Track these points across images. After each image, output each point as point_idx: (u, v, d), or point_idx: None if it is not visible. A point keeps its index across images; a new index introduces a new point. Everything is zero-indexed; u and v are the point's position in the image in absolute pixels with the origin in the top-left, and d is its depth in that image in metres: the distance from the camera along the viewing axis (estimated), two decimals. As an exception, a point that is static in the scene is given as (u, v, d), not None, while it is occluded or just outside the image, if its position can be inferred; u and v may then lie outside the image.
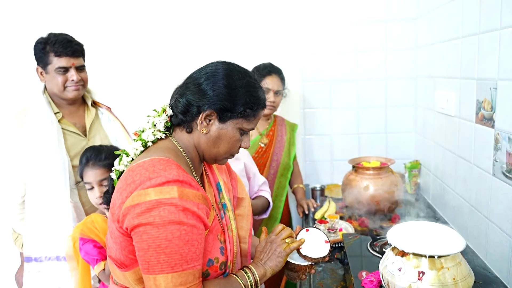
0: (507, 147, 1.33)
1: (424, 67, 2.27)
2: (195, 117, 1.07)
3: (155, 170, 0.96)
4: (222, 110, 1.05)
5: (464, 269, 1.04)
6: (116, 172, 1.12)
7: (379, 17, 2.44)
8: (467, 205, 1.67)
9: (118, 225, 0.98)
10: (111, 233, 1.03)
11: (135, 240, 0.95)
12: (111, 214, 1.01)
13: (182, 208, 0.93)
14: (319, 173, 2.65)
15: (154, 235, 0.91)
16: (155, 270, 0.92)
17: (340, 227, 1.85)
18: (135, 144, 1.09)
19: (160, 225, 0.91)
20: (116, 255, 1.03)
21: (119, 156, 1.11)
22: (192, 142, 1.10)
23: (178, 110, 1.08)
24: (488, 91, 1.45)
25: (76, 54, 1.84)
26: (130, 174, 0.99)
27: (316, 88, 2.56)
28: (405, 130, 2.54)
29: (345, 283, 1.44)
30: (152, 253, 0.92)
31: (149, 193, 0.93)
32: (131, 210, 0.93)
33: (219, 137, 1.08)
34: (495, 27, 1.39)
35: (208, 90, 1.05)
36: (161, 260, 0.91)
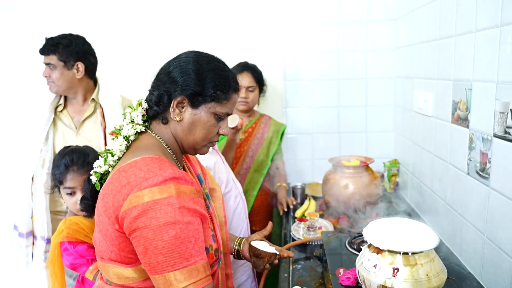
0: (480, 146, 1.36)
1: (403, 67, 2.31)
2: (168, 106, 1.08)
3: (149, 170, 0.96)
4: (192, 95, 1.06)
5: (437, 265, 1.07)
6: (96, 174, 1.10)
7: (360, 18, 2.47)
8: (443, 204, 1.71)
9: (117, 227, 0.98)
10: (105, 236, 1.01)
11: (134, 244, 0.96)
12: (106, 217, 0.99)
13: (178, 206, 0.94)
14: (300, 172, 2.67)
15: (150, 237, 0.92)
16: (157, 270, 0.94)
17: (320, 225, 1.86)
18: (118, 142, 1.08)
19: (156, 228, 0.92)
20: (111, 256, 1.02)
21: (104, 156, 1.09)
22: (170, 134, 1.11)
23: (152, 102, 1.09)
24: (464, 92, 1.48)
25: (45, 52, 1.94)
26: (123, 175, 0.97)
27: (297, 87, 2.58)
28: (385, 130, 2.58)
29: (323, 280, 1.46)
30: (151, 255, 0.93)
31: (147, 194, 0.93)
32: (128, 214, 0.94)
33: (193, 123, 1.09)
34: (470, 29, 1.42)
35: (177, 77, 1.06)
36: (160, 261, 0.93)
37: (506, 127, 1.21)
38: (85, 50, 1.98)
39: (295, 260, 1.62)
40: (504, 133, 1.22)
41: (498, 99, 1.25)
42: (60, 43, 1.92)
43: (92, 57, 2.02)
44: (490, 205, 1.32)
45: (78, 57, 1.94)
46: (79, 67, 1.95)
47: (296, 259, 1.63)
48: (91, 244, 1.45)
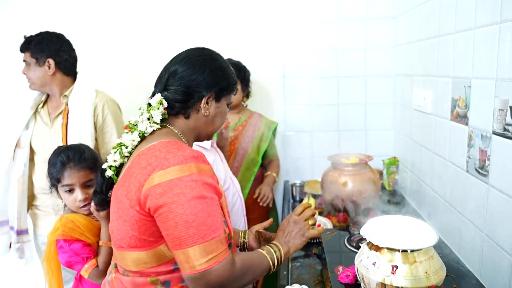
0: (479, 144, 1.36)
1: (403, 65, 2.31)
2: (196, 103, 1.15)
3: (169, 151, 1.02)
4: (219, 90, 1.17)
5: (436, 263, 1.07)
6: (112, 168, 1.14)
7: (360, 16, 2.47)
8: (442, 201, 1.71)
9: (139, 208, 1.01)
10: (125, 221, 1.05)
11: (161, 220, 0.99)
12: (128, 200, 1.03)
13: (201, 182, 1.00)
14: (299, 169, 2.67)
15: (180, 212, 0.97)
16: (188, 243, 0.97)
17: (319, 223, 1.86)
18: (132, 136, 1.12)
19: (185, 202, 0.97)
20: (130, 242, 1.05)
21: (117, 149, 1.14)
22: (189, 126, 1.18)
23: (175, 100, 1.14)
24: (463, 89, 1.48)
25: (21, 49, 2.00)
26: (143, 158, 1.03)
27: (297, 85, 2.58)
28: (384, 128, 2.58)
29: (322, 278, 1.46)
30: (182, 229, 0.97)
31: (169, 173, 0.98)
32: (153, 191, 0.98)
33: (216, 115, 1.19)
34: (469, 26, 1.42)
35: (206, 76, 1.14)
36: (191, 234, 0.97)
37: (505, 125, 1.20)
38: (57, 47, 2.00)
39: (294, 258, 1.62)
40: (503, 131, 1.22)
41: (497, 96, 1.25)
42: (33, 40, 1.98)
43: (66, 53, 2.03)
44: (489, 203, 1.32)
45: (50, 54, 1.98)
46: (50, 64, 1.98)
47: (295, 257, 1.63)
48: (87, 242, 1.46)
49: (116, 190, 1.09)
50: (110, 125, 2.05)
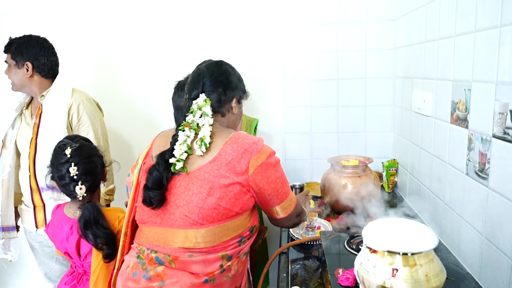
0: (479, 147, 1.37)
1: (402, 67, 2.31)
2: (228, 103, 1.42)
3: (250, 138, 1.31)
4: (242, 93, 1.49)
5: (437, 266, 1.07)
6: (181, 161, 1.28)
7: (360, 18, 2.47)
8: (441, 204, 1.71)
9: (245, 183, 1.27)
10: (219, 198, 1.24)
11: (266, 187, 1.31)
12: (231, 179, 1.25)
13: (274, 154, 1.35)
14: (299, 171, 2.67)
15: (278, 175, 1.34)
16: (286, 194, 1.38)
17: (319, 225, 1.86)
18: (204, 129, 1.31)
19: (278, 167, 1.34)
20: (217, 217, 1.25)
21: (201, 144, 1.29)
22: (226, 123, 1.43)
23: (214, 100, 1.38)
24: (463, 92, 1.48)
25: (4, 51, 2.07)
26: (235, 147, 1.28)
27: (296, 86, 2.58)
28: (384, 130, 2.58)
29: (322, 280, 1.46)
30: (281, 185, 1.35)
31: (263, 153, 1.30)
32: (259, 169, 1.28)
33: (239, 115, 1.49)
34: (470, 30, 1.42)
35: (235, 81, 1.45)
36: (286, 188, 1.38)
37: (505, 128, 1.21)
38: (36, 51, 2.06)
39: (293, 260, 1.62)
40: (503, 134, 1.22)
41: (497, 99, 1.25)
42: (14, 42, 2.05)
43: (44, 57, 2.08)
44: (489, 206, 1.32)
45: (28, 57, 2.04)
46: (28, 67, 2.04)
47: (295, 259, 1.63)
48: None
49: (200, 173, 1.27)
50: (86, 124, 2.08)
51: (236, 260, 1.33)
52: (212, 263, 1.27)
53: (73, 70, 2.51)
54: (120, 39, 2.58)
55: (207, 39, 2.54)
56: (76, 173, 1.54)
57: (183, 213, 1.26)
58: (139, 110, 2.64)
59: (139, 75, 2.61)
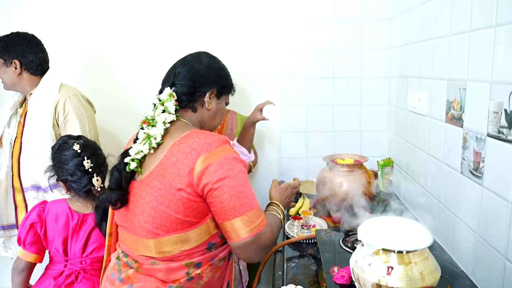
0: (474, 146, 1.37)
1: (398, 67, 2.32)
2: (200, 97, 1.31)
3: (206, 136, 1.16)
4: (221, 88, 1.35)
5: (431, 264, 1.07)
6: (136, 160, 1.20)
7: (355, 17, 2.47)
8: (436, 202, 1.72)
9: (190, 190, 1.12)
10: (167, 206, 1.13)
11: (216, 195, 1.12)
12: (175, 185, 1.12)
13: (239, 160, 1.17)
14: (294, 170, 2.67)
15: (232, 184, 1.12)
16: (240, 211, 1.13)
17: (314, 223, 1.87)
18: (158, 127, 1.21)
19: (234, 176, 1.13)
20: (172, 227, 1.14)
21: (146, 141, 1.20)
22: (197, 120, 1.32)
23: (183, 94, 1.28)
24: (458, 92, 1.49)
25: None
26: (183, 146, 1.15)
27: (292, 85, 2.58)
28: (379, 129, 2.59)
29: (317, 278, 1.46)
30: (236, 199, 1.12)
31: (215, 154, 1.13)
32: (206, 171, 1.11)
33: (217, 111, 1.36)
34: (465, 29, 1.43)
35: (210, 74, 1.31)
36: (243, 203, 1.13)
37: (499, 127, 1.21)
38: (23, 48, 2.04)
39: (289, 258, 1.63)
40: (497, 133, 1.23)
41: (492, 99, 1.26)
42: (1, 41, 2.03)
43: (32, 54, 2.06)
44: (483, 204, 1.33)
45: (16, 55, 2.03)
46: (16, 64, 2.03)
47: (290, 257, 1.64)
48: None
49: (150, 180, 1.17)
50: (73, 121, 2.04)
51: (208, 268, 1.22)
52: (175, 271, 1.19)
53: (65, 66, 2.49)
54: (114, 35, 2.56)
55: (203, 37, 2.53)
56: (91, 165, 1.59)
57: (140, 223, 1.19)
58: (133, 106, 2.63)
59: (133, 71, 2.59)
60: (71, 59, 2.57)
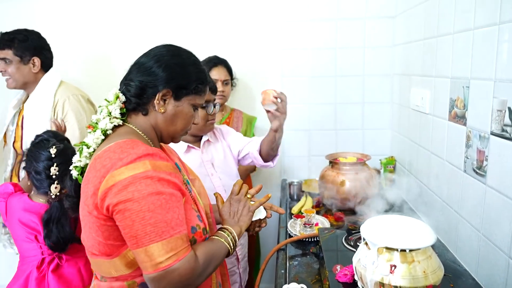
0: (477, 144, 1.37)
1: (401, 65, 2.31)
2: (151, 98, 1.10)
3: (123, 151, 0.99)
4: (177, 88, 1.10)
5: (434, 262, 1.07)
6: (77, 168, 1.11)
7: (358, 15, 2.46)
8: (439, 200, 1.72)
9: (96, 213, 0.99)
10: (90, 228, 1.03)
11: (119, 219, 0.97)
12: (86, 206, 1.01)
13: (157, 178, 0.97)
14: (296, 168, 2.67)
15: (136, 209, 0.94)
16: (144, 242, 0.94)
17: (316, 222, 1.86)
18: (95, 134, 1.09)
19: (140, 199, 0.94)
20: (100, 249, 1.04)
21: (79, 149, 1.10)
22: (149, 124, 1.13)
23: (131, 95, 1.10)
24: (461, 90, 1.49)
25: (4, 47, 1.98)
26: (98, 161, 1.00)
27: (294, 83, 2.57)
28: (381, 127, 2.58)
29: (319, 276, 1.46)
30: (138, 227, 0.94)
31: (123, 172, 0.95)
32: (109, 192, 0.96)
33: (175, 114, 1.13)
34: (468, 27, 1.42)
35: (161, 71, 1.09)
36: (148, 231, 0.94)
37: (503, 125, 1.21)
38: (41, 45, 2.04)
39: (291, 256, 1.63)
40: (501, 131, 1.22)
41: (495, 97, 1.25)
42: (16, 38, 1.98)
43: (48, 52, 2.07)
44: (486, 203, 1.32)
45: (34, 52, 2.01)
46: (35, 62, 2.01)
47: (293, 255, 1.64)
48: None
49: (81, 195, 1.06)
50: (71, 122, 2.02)
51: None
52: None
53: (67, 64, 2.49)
54: (117, 33, 2.56)
55: (205, 35, 2.53)
56: (56, 174, 1.56)
57: (83, 241, 1.11)
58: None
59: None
60: (73, 57, 2.57)
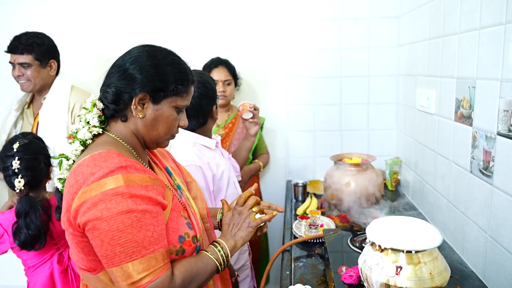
0: (484, 145, 1.36)
1: (406, 65, 2.30)
2: (128, 104, 1.05)
3: (96, 164, 0.95)
4: (154, 91, 1.04)
5: (441, 264, 1.06)
6: (61, 181, 1.08)
7: (363, 15, 2.46)
8: (445, 202, 1.71)
9: (72, 230, 0.96)
10: (71, 244, 1.01)
11: (89, 238, 0.94)
12: (62, 223, 0.99)
13: (129, 195, 0.92)
14: (301, 169, 2.67)
15: (105, 228, 0.90)
16: (114, 262, 0.91)
17: (322, 223, 1.86)
18: (73, 146, 1.05)
19: (109, 218, 0.90)
20: (84, 264, 1.02)
21: (59, 162, 1.07)
22: (129, 130, 1.08)
23: (108, 101, 1.05)
24: (467, 90, 1.48)
25: (16, 51, 1.99)
26: (72, 176, 0.97)
27: (299, 84, 2.57)
28: (387, 128, 2.57)
29: (325, 278, 1.46)
30: (107, 247, 0.91)
31: (94, 188, 0.91)
32: (79, 210, 0.92)
33: (156, 119, 1.07)
34: (474, 27, 1.41)
35: (136, 74, 1.03)
36: (118, 252, 0.91)
37: (510, 125, 1.20)
38: (55, 48, 2.07)
39: (296, 258, 1.62)
40: (508, 132, 1.21)
41: (502, 97, 1.24)
42: (34, 42, 2.00)
43: (59, 55, 2.10)
44: (493, 204, 1.31)
45: (51, 55, 2.04)
46: (52, 65, 2.05)
47: (298, 256, 1.63)
48: None
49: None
50: None
51: None
52: None
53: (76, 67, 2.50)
54: (121, 35, 2.57)
55: (210, 36, 2.54)
56: (18, 167, 1.60)
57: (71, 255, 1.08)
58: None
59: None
60: (81, 60, 2.58)
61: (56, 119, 2.02)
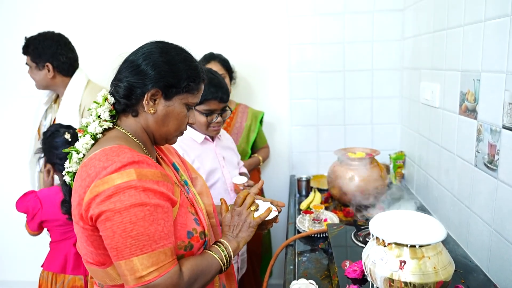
0: (489, 138, 1.35)
1: (410, 58, 2.28)
2: (140, 99, 1.05)
3: (108, 159, 0.95)
4: (166, 87, 1.05)
5: (445, 258, 1.06)
6: (69, 174, 1.08)
7: (366, 8, 2.44)
8: (449, 196, 1.70)
9: (82, 224, 0.97)
10: (81, 238, 1.02)
11: (101, 229, 0.94)
12: (73, 216, 0.99)
13: (142, 188, 0.93)
14: (305, 164, 2.66)
15: (117, 220, 0.91)
16: (124, 255, 0.91)
17: (325, 217, 1.86)
18: (84, 139, 1.06)
19: (122, 210, 0.91)
20: (93, 258, 1.02)
21: (68, 155, 1.07)
22: (140, 126, 1.09)
23: (120, 96, 1.06)
24: (472, 83, 1.46)
25: (23, 52, 2.06)
26: (84, 170, 0.97)
27: (303, 78, 2.56)
28: (391, 122, 2.56)
29: (329, 272, 1.46)
30: (119, 239, 0.91)
31: (107, 181, 0.92)
32: (92, 202, 0.92)
33: (167, 115, 1.08)
34: (479, 19, 1.40)
35: (149, 70, 1.04)
36: (129, 244, 0.91)
37: (515, 119, 1.19)
38: (54, 50, 2.04)
39: (300, 252, 1.62)
40: (513, 125, 1.20)
41: (507, 89, 1.23)
42: (31, 44, 2.03)
43: (63, 56, 2.06)
44: (498, 197, 1.30)
45: (47, 58, 2.03)
46: (49, 68, 2.04)
47: (302, 251, 1.63)
48: None
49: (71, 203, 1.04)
50: None
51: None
52: None
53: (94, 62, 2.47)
54: (125, 31, 2.57)
55: (213, 31, 2.53)
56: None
57: (78, 249, 1.09)
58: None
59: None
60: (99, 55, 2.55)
61: (69, 119, 2.04)
